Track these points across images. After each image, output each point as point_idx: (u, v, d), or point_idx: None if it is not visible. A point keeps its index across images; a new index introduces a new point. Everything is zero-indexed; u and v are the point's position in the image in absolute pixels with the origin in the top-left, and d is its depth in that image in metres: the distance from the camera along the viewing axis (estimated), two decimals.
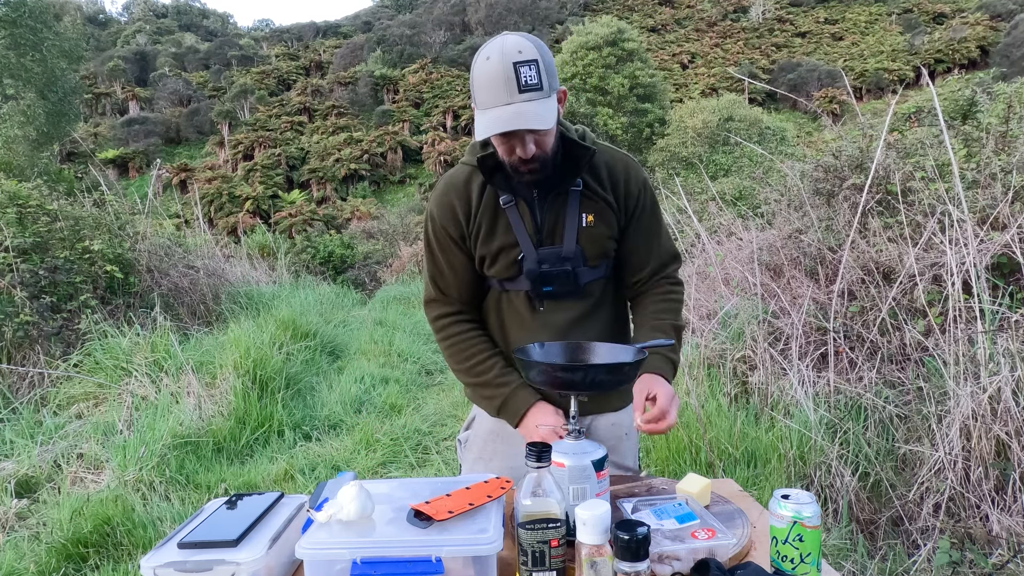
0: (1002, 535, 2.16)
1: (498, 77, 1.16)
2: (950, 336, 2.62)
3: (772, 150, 18.57)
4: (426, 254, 1.46)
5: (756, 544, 1.03)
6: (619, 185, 1.40)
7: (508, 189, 1.35)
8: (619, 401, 1.50)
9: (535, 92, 1.16)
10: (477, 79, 1.20)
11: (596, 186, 1.38)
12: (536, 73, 1.17)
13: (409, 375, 5.68)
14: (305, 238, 21.00)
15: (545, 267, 1.35)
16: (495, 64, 1.16)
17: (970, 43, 67.41)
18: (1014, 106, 4.18)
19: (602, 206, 1.38)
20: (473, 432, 1.55)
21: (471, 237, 1.39)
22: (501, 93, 1.16)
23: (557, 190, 1.35)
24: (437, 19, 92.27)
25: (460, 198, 1.38)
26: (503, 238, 1.36)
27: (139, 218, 6.73)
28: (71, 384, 4.36)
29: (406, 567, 0.85)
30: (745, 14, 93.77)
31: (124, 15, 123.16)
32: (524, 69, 1.15)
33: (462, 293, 1.44)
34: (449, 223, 1.39)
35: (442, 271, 1.43)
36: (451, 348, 1.45)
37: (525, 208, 1.36)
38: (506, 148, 1.25)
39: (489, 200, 1.37)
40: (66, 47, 20.83)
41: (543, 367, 1.14)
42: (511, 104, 1.16)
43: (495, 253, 1.36)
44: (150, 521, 2.79)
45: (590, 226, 1.36)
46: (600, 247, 1.38)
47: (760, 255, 4.07)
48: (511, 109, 1.16)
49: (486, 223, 1.37)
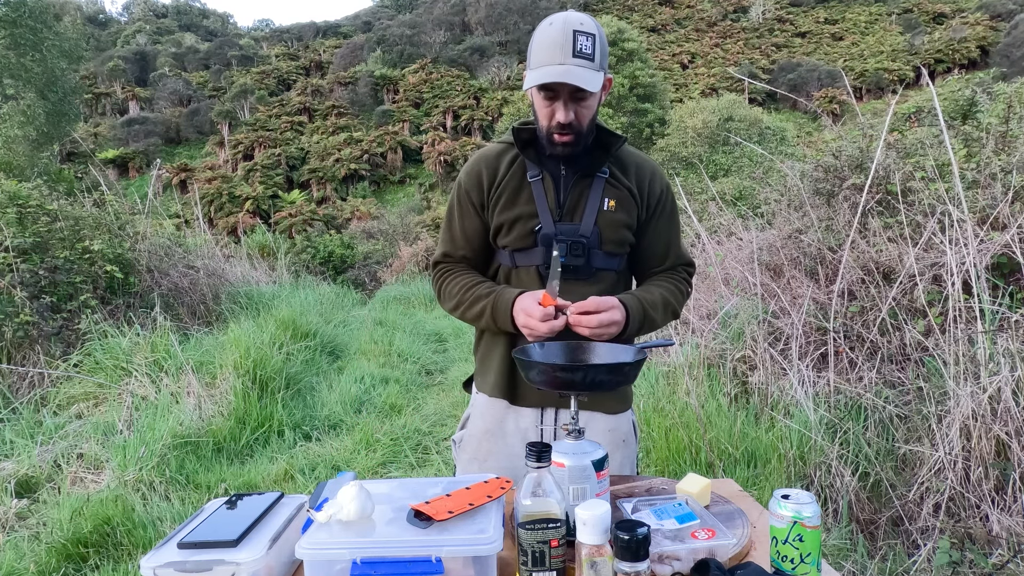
0: (1002, 535, 2.16)
1: (556, 39, 1.24)
2: (950, 336, 2.62)
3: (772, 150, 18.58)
4: (444, 221, 1.50)
5: (756, 544, 1.03)
6: (644, 181, 1.46)
7: (538, 163, 1.41)
8: (617, 404, 1.49)
9: (587, 60, 1.24)
10: (536, 41, 1.28)
11: (622, 176, 1.44)
12: (591, 45, 1.25)
13: (409, 375, 5.68)
14: (305, 238, 21.02)
15: (562, 237, 1.39)
16: (556, 28, 1.25)
17: (970, 43, 67.43)
18: (1014, 106, 4.18)
19: (625, 194, 1.43)
20: (467, 432, 1.53)
21: (490, 204, 1.43)
22: (556, 53, 1.24)
23: (584, 171, 1.40)
24: (437, 19, 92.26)
25: (488, 167, 1.44)
26: (523, 207, 1.40)
27: (139, 218, 6.73)
28: (71, 384, 4.36)
29: (406, 567, 0.85)
30: (745, 14, 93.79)
31: (124, 15, 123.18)
32: (581, 38, 1.24)
33: (468, 257, 1.49)
34: (473, 189, 1.44)
35: (454, 235, 1.47)
36: (447, 284, 1.47)
37: (551, 184, 1.41)
38: (547, 111, 1.32)
39: (516, 172, 1.43)
40: (66, 47, 20.83)
41: (543, 367, 1.14)
42: (562, 65, 1.23)
43: (512, 221, 1.40)
44: (150, 521, 2.79)
45: (611, 211, 1.40)
46: (617, 233, 1.41)
47: (760, 255, 4.07)
48: (561, 68, 1.23)
49: (508, 192, 1.41)
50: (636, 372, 1.17)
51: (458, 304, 1.44)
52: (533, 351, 1.24)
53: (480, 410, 1.51)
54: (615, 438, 1.48)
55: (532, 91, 1.34)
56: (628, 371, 1.13)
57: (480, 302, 1.39)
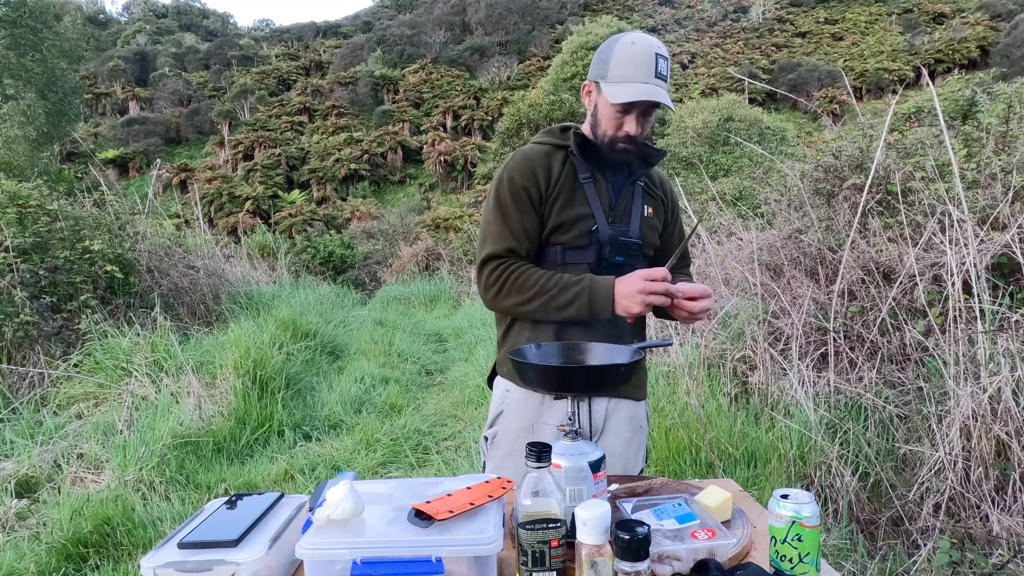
0: (1002, 535, 2.16)
1: (643, 59, 1.35)
2: (950, 336, 2.62)
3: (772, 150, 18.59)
4: (495, 214, 1.47)
5: (756, 544, 1.03)
6: (666, 192, 1.63)
7: (588, 167, 1.48)
8: (640, 392, 1.58)
9: (664, 82, 1.38)
10: (620, 56, 1.37)
11: (653, 186, 1.58)
12: (667, 69, 1.39)
13: (409, 375, 5.68)
14: (305, 238, 21.03)
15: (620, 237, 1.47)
16: (641, 48, 1.36)
17: (970, 43, 67.42)
18: (1014, 106, 4.18)
19: (657, 203, 1.58)
20: (500, 429, 1.55)
21: (548, 202, 1.46)
22: (642, 72, 1.35)
23: (628, 179, 1.51)
24: (437, 19, 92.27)
25: (542, 166, 1.47)
26: (581, 208, 1.46)
27: (139, 218, 6.73)
28: (71, 384, 4.36)
29: (406, 567, 0.85)
30: (745, 14, 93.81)
31: (124, 15, 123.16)
32: (662, 61, 1.37)
33: (530, 252, 1.49)
34: (531, 184, 1.46)
35: (514, 231, 1.46)
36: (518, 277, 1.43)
37: (602, 187, 1.49)
38: (617, 122, 1.41)
39: (569, 173, 1.48)
40: (66, 47, 20.83)
41: (538, 368, 1.14)
42: (648, 84, 1.35)
43: (572, 221, 1.45)
44: (150, 521, 2.79)
45: (649, 217, 1.54)
46: (652, 240, 1.55)
47: (760, 255, 4.07)
48: (647, 88, 1.35)
49: (566, 192, 1.46)
50: (632, 372, 1.17)
51: (538, 294, 1.40)
52: (529, 352, 1.24)
53: (515, 406, 1.52)
54: (634, 424, 1.56)
55: (602, 99, 1.42)
56: (625, 371, 1.13)
57: (571, 288, 1.39)
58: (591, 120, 1.48)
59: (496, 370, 1.61)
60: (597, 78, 1.42)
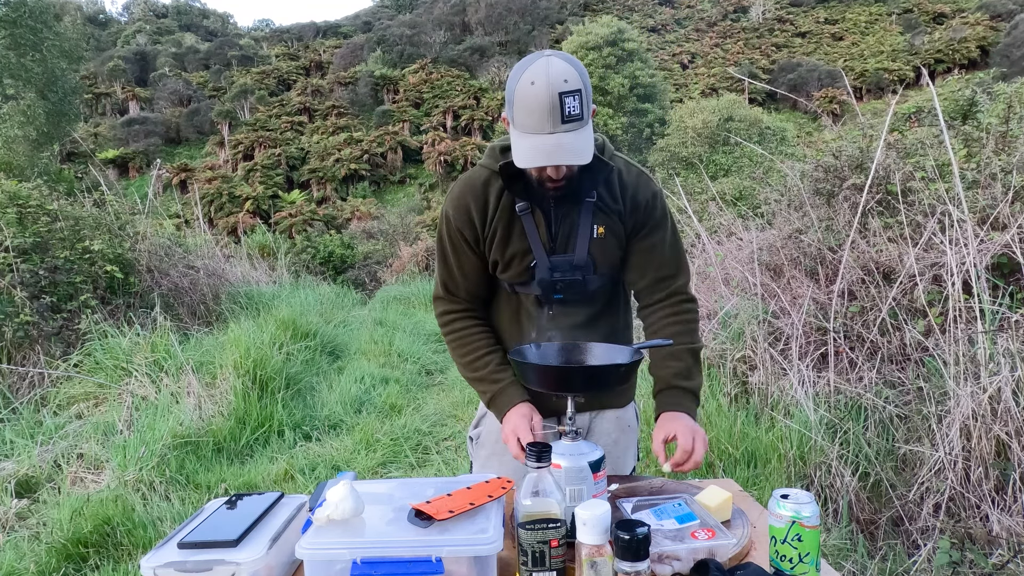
0: (1002, 535, 2.16)
1: (543, 105, 1.15)
2: (950, 336, 2.62)
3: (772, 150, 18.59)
4: (438, 251, 1.49)
5: (756, 544, 1.03)
6: (627, 195, 1.42)
7: (526, 197, 1.38)
8: (622, 399, 1.54)
9: (576, 123, 1.18)
10: (520, 102, 1.19)
11: (608, 199, 1.40)
12: (579, 104, 1.17)
13: (409, 375, 5.68)
14: (305, 238, 21.03)
15: (557, 275, 1.38)
16: (541, 91, 1.15)
17: (970, 43, 67.41)
18: (1014, 106, 4.18)
19: (613, 220, 1.41)
20: (485, 429, 1.57)
21: (485, 241, 1.42)
22: (544, 122, 1.16)
23: (573, 200, 1.38)
24: (437, 19, 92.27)
25: (476, 201, 1.40)
26: (517, 244, 1.39)
27: (139, 218, 6.72)
28: (71, 384, 4.36)
29: (406, 567, 0.85)
30: (745, 14, 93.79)
31: (124, 15, 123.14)
32: (569, 100, 1.16)
33: (470, 292, 1.49)
34: (465, 226, 1.41)
35: (452, 272, 1.46)
36: (454, 343, 1.50)
37: (540, 216, 1.39)
38: (538, 169, 1.27)
39: (506, 205, 1.39)
40: (66, 47, 20.82)
41: (538, 368, 1.14)
42: (553, 134, 1.17)
43: (508, 259, 1.40)
44: (150, 521, 2.79)
45: (601, 237, 1.39)
46: (609, 258, 1.42)
47: (760, 255, 4.07)
48: (553, 140, 1.17)
49: (502, 228, 1.39)
50: (633, 372, 1.17)
51: (465, 374, 1.51)
52: (529, 352, 1.24)
53: None
54: (621, 424, 1.55)
55: None
56: (624, 372, 1.13)
57: (483, 384, 1.46)
58: None
59: None
60: (508, 116, 1.27)
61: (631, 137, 32.68)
